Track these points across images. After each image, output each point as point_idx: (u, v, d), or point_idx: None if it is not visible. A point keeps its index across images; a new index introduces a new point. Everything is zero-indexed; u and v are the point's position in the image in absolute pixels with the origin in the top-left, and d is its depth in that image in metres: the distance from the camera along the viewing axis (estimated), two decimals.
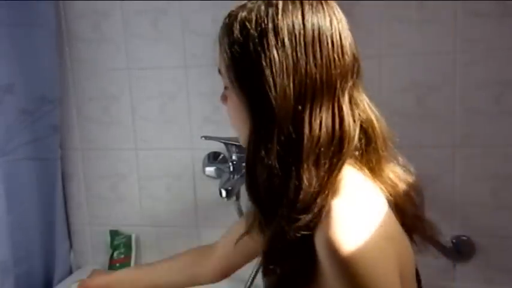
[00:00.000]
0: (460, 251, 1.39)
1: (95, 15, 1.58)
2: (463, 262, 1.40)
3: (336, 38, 0.69)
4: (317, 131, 0.67)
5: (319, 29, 0.68)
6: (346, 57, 0.70)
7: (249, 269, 1.46)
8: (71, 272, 1.72)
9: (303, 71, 0.67)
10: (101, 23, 1.59)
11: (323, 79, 0.68)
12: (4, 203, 1.44)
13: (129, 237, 1.68)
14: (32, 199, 1.56)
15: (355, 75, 0.72)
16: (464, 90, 1.37)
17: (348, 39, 0.71)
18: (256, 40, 0.68)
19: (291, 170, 0.68)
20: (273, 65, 0.67)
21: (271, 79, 0.67)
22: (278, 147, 0.68)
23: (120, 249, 1.68)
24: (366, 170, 0.75)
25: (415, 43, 1.35)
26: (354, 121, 0.71)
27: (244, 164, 0.74)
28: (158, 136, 1.61)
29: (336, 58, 0.69)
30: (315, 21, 0.68)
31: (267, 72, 0.67)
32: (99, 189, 1.69)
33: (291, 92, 0.67)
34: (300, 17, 0.68)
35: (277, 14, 0.68)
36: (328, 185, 0.68)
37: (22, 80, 1.49)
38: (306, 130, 0.67)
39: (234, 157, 1.47)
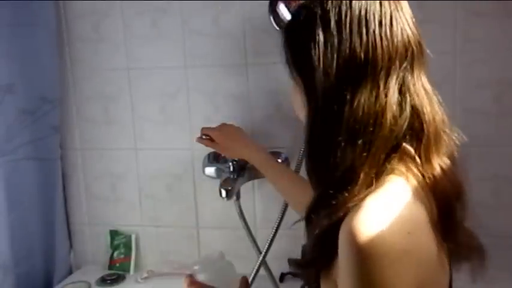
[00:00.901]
0: None
1: (95, 15, 1.58)
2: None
3: (386, 20, 0.71)
4: (357, 109, 0.69)
5: (366, 9, 0.70)
6: (395, 40, 0.71)
7: (249, 269, 1.46)
8: (71, 272, 1.72)
9: (347, 50, 0.69)
10: (101, 23, 1.59)
11: (368, 59, 0.69)
12: (4, 203, 1.44)
13: (129, 237, 1.68)
14: (32, 199, 1.56)
15: (409, 59, 0.72)
16: (464, 90, 1.37)
17: (401, 24, 0.72)
18: (305, 23, 0.73)
19: (330, 147, 0.70)
20: (318, 44, 0.70)
21: (316, 58, 0.70)
22: (322, 125, 0.72)
23: (120, 249, 1.68)
24: (416, 159, 0.73)
25: None
26: (402, 105, 0.71)
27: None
28: (158, 136, 1.61)
29: (384, 39, 0.70)
30: (363, 2, 0.71)
31: (313, 52, 0.71)
32: (99, 189, 1.69)
33: (333, 70, 0.70)
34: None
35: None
36: (365, 165, 0.69)
37: (22, 80, 1.49)
38: (347, 108, 0.69)
39: None
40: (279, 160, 1.52)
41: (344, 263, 0.67)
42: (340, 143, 0.70)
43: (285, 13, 1.37)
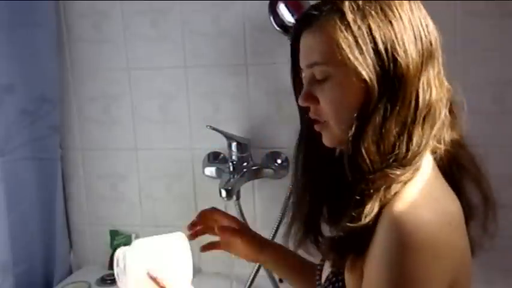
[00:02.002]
0: None
1: (95, 15, 1.58)
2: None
3: (425, 14, 0.79)
4: (429, 96, 0.75)
5: (418, 6, 0.78)
6: (436, 32, 0.80)
7: (249, 269, 1.46)
8: (71, 272, 1.72)
9: (419, 40, 0.75)
10: (101, 23, 1.59)
11: (431, 48, 0.77)
12: (4, 203, 1.44)
13: (129, 237, 1.68)
14: (32, 199, 1.56)
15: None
16: (464, 90, 1.37)
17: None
18: (378, 18, 0.74)
19: (404, 134, 0.74)
20: (399, 37, 0.73)
21: (401, 49, 0.73)
22: (401, 113, 0.74)
23: None
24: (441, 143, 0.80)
25: None
26: (447, 89, 0.82)
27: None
28: (158, 136, 1.61)
29: (434, 31, 0.78)
30: (415, 4, 0.78)
31: (396, 43, 0.73)
32: (99, 189, 1.69)
33: (414, 59, 0.74)
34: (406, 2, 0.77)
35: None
36: (427, 146, 0.75)
37: (22, 80, 1.49)
38: (421, 95, 0.75)
39: (234, 157, 1.47)
40: (279, 161, 1.52)
41: (383, 252, 0.69)
42: (416, 126, 0.74)
43: (285, 13, 1.37)
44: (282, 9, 1.37)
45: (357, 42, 0.73)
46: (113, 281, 1.61)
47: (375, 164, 0.73)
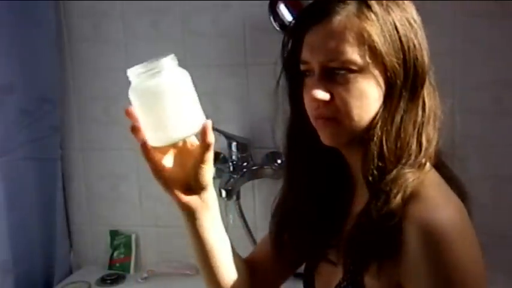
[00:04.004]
0: None
1: (95, 15, 1.58)
2: None
3: (419, 21, 0.80)
4: (432, 98, 0.79)
5: (415, 11, 0.79)
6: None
7: None
8: (71, 272, 1.72)
9: (426, 44, 0.77)
10: (101, 23, 1.59)
11: (427, 58, 0.77)
12: (4, 203, 1.44)
13: (129, 237, 1.68)
14: (32, 199, 1.56)
15: None
16: (464, 90, 1.37)
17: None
18: (400, 16, 0.75)
19: (417, 133, 0.76)
20: (419, 35, 0.76)
21: (420, 47, 0.75)
22: (417, 112, 0.76)
23: (120, 249, 1.68)
24: None
25: None
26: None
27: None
28: None
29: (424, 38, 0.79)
30: (412, 8, 0.79)
31: (417, 41, 0.75)
32: (99, 189, 1.69)
33: (426, 60, 0.76)
34: (408, 6, 0.79)
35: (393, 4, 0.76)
36: (435, 148, 0.78)
37: (22, 80, 1.49)
38: (427, 97, 0.78)
39: (234, 157, 1.47)
40: (279, 161, 1.52)
41: (425, 258, 0.70)
42: (427, 127, 0.77)
43: (285, 13, 1.37)
44: (282, 9, 1.37)
45: (385, 36, 0.73)
46: (113, 281, 1.61)
47: (392, 163, 0.74)
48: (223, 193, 1.38)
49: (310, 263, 0.93)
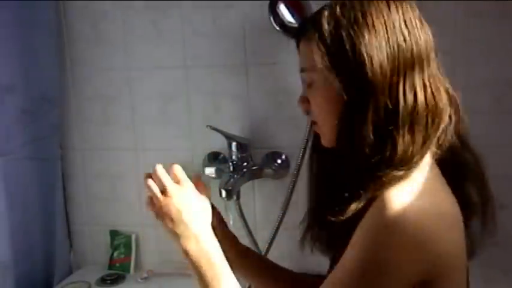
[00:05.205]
0: None
1: (95, 15, 1.58)
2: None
3: (416, 19, 0.79)
4: (412, 101, 0.74)
5: (401, 10, 0.77)
6: (427, 36, 0.79)
7: None
8: (71, 272, 1.72)
9: (395, 46, 0.75)
10: (101, 23, 1.59)
11: (413, 53, 0.75)
12: (4, 203, 1.44)
13: (129, 237, 1.68)
14: (32, 199, 1.56)
15: (437, 54, 0.81)
16: (464, 90, 1.37)
17: (425, 24, 0.81)
18: (350, 28, 0.75)
19: (387, 139, 0.74)
20: (368, 45, 0.74)
21: (369, 57, 0.74)
22: (375, 118, 0.74)
23: (120, 249, 1.68)
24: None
25: None
26: (445, 92, 0.80)
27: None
28: (158, 136, 1.61)
29: (421, 35, 0.77)
30: (398, 5, 0.78)
31: (364, 51, 0.74)
32: (99, 189, 1.69)
33: (386, 66, 0.74)
34: (382, 3, 0.77)
35: (362, 3, 0.77)
36: (422, 148, 0.75)
37: (22, 80, 1.49)
38: (401, 100, 0.74)
39: (234, 157, 1.47)
40: (279, 161, 1.52)
41: (366, 230, 0.71)
42: (400, 131, 0.74)
43: (285, 13, 1.37)
44: (282, 9, 1.37)
45: (328, 52, 0.76)
46: (113, 281, 1.62)
47: (360, 165, 0.75)
48: (223, 193, 1.38)
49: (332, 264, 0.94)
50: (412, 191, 0.73)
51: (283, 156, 1.51)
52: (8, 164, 1.46)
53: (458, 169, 0.83)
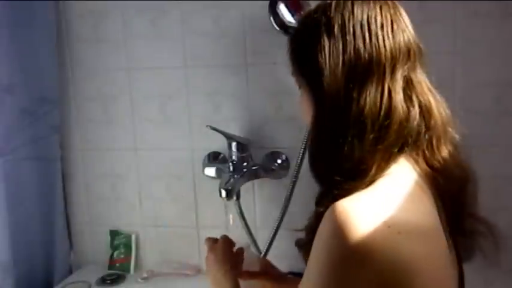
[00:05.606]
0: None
1: (95, 15, 1.58)
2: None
3: (387, 23, 0.75)
4: (363, 106, 0.72)
5: (368, 14, 0.75)
6: (397, 40, 0.75)
7: None
8: (71, 272, 1.72)
9: (352, 52, 0.73)
10: (101, 23, 1.59)
11: (372, 59, 0.73)
12: (4, 203, 1.44)
13: (129, 237, 1.68)
14: (32, 199, 1.56)
15: (412, 59, 0.77)
16: (464, 90, 1.37)
17: (401, 27, 0.77)
18: (310, 31, 0.77)
19: (338, 142, 0.73)
20: (324, 49, 0.74)
21: (322, 61, 0.74)
22: (329, 123, 0.75)
23: (120, 249, 1.68)
24: (421, 157, 0.77)
25: None
26: (409, 102, 0.75)
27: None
28: (158, 136, 1.61)
29: (386, 40, 0.74)
30: (364, 8, 0.75)
31: (319, 56, 0.74)
32: (99, 189, 1.69)
33: (339, 71, 0.73)
34: (349, 7, 0.76)
35: (330, 8, 0.77)
36: (377, 158, 0.72)
37: (22, 80, 1.49)
38: (354, 105, 0.73)
39: (234, 157, 1.47)
40: (279, 161, 1.52)
41: (315, 241, 0.70)
42: (348, 138, 0.72)
43: (285, 13, 1.37)
44: (282, 9, 1.37)
45: (293, 57, 0.80)
46: (113, 281, 1.62)
47: (322, 172, 0.77)
48: (223, 193, 1.38)
49: None
50: (365, 197, 0.70)
51: (283, 156, 1.51)
52: (8, 164, 1.46)
53: (446, 184, 0.79)
